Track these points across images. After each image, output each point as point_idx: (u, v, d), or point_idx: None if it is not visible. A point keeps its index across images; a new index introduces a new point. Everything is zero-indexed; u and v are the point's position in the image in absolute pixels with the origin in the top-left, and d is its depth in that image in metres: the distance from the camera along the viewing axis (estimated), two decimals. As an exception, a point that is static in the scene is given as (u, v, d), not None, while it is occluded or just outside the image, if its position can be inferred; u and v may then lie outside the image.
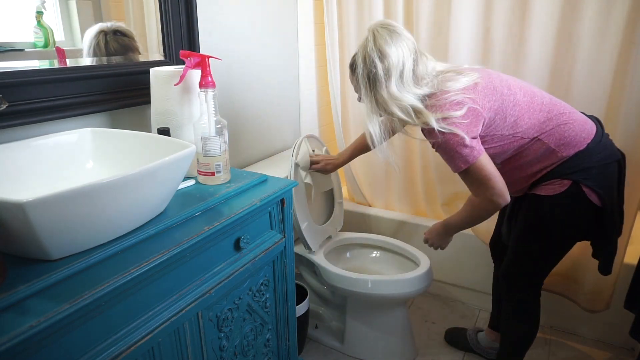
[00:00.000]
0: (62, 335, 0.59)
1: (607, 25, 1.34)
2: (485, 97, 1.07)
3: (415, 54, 1.07)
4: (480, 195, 1.11)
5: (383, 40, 1.04)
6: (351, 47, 1.83)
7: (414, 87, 1.07)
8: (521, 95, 1.10)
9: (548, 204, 1.12)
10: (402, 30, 1.07)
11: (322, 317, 1.67)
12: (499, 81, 1.11)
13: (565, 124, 1.09)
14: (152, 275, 0.72)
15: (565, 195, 1.09)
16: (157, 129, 1.00)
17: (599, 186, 1.07)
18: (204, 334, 0.86)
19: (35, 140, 0.89)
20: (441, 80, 1.08)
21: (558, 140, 1.09)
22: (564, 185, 1.09)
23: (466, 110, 1.04)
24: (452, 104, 1.05)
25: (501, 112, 1.08)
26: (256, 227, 0.98)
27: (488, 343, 1.54)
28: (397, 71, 1.04)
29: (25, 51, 0.94)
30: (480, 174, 1.06)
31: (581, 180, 1.07)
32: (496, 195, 1.07)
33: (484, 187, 1.08)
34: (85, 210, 0.65)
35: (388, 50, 1.03)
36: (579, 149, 1.08)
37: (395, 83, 1.05)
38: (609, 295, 1.51)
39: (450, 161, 1.09)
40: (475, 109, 1.05)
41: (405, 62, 1.05)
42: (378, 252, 1.68)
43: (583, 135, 1.09)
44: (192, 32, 1.23)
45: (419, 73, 1.08)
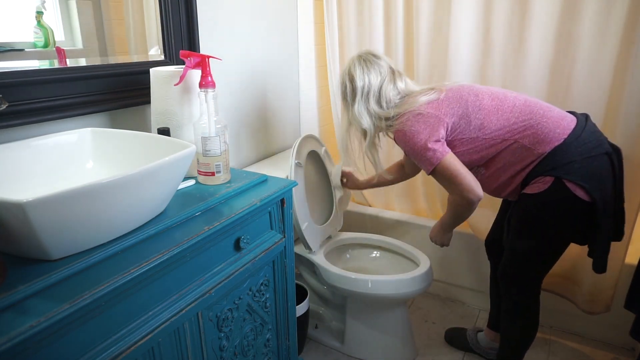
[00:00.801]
0: (62, 335, 0.59)
1: (607, 25, 1.34)
2: (447, 106, 1.17)
3: (384, 80, 1.23)
4: (453, 193, 1.21)
5: (354, 67, 1.24)
6: (351, 47, 1.83)
7: (375, 106, 1.23)
8: (489, 100, 1.17)
9: (534, 202, 1.14)
10: (376, 59, 1.24)
11: (322, 317, 1.67)
12: (468, 91, 1.20)
13: (538, 123, 1.12)
14: (152, 275, 0.72)
15: (550, 192, 1.10)
16: (157, 129, 1.00)
17: (584, 180, 1.07)
18: (204, 334, 0.86)
19: (35, 140, 0.89)
20: (406, 101, 1.23)
21: (532, 138, 1.12)
22: (546, 182, 1.11)
23: (423, 118, 1.16)
24: (412, 114, 1.18)
25: (465, 117, 1.16)
26: (256, 227, 0.98)
27: (488, 343, 1.54)
28: (362, 93, 1.23)
29: (25, 51, 0.94)
30: (446, 173, 1.16)
31: (563, 175, 1.08)
32: (465, 191, 1.16)
33: (453, 185, 1.17)
34: (85, 210, 0.65)
35: (355, 75, 1.23)
36: (555, 145, 1.10)
37: (359, 101, 1.24)
38: (609, 298, 1.51)
39: (421, 165, 1.20)
40: (434, 115, 1.16)
41: (371, 86, 1.22)
42: (378, 252, 1.68)
43: (557, 130, 1.10)
44: (192, 32, 1.23)
45: (386, 95, 1.23)
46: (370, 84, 1.22)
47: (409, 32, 1.70)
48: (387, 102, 1.24)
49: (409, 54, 1.74)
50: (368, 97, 1.23)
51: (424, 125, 1.16)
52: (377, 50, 1.27)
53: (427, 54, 1.67)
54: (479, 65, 1.59)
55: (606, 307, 1.52)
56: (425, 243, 1.78)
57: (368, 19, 1.75)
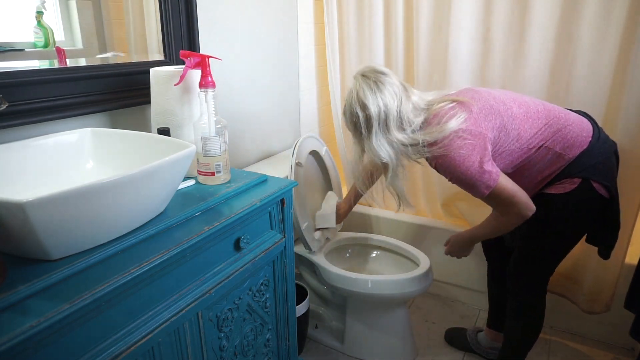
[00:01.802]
0: (62, 335, 0.59)
1: (607, 25, 1.34)
2: (485, 119, 1.08)
3: (400, 100, 1.08)
4: (507, 214, 1.12)
5: (362, 91, 1.07)
6: (351, 47, 1.83)
7: (398, 133, 1.08)
8: (517, 108, 1.12)
9: (559, 202, 1.14)
10: (385, 77, 1.08)
11: (322, 317, 1.67)
12: (493, 99, 1.12)
13: (564, 128, 1.11)
14: (152, 275, 0.72)
15: (576, 192, 1.11)
16: (157, 129, 1.00)
17: (607, 179, 1.11)
18: (204, 334, 0.86)
19: (35, 140, 0.89)
20: (433, 120, 1.09)
21: (562, 144, 1.11)
22: (574, 183, 1.11)
23: (470, 137, 1.05)
24: (453, 136, 1.06)
25: (504, 129, 1.10)
26: (256, 227, 0.98)
27: (488, 343, 1.54)
28: (378, 121, 1.07)
29: (25, 51, 0.94)
30: (503, 194, 1.08)
31: (590, 176, 1.10)
32: (523, 209, 1.10)
33: (510, 206, 1.10)
34: (85, 210, 0.65)
35: (366, 100, 1.06)
36: (583, 148, 1.11)
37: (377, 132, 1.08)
38: (609, 297, 1.51)
39: (472, 189, 1.10)
40: (477, 132, 1.06)
41: (389, 110, 1.06)
42: (378, 252, 1.68)
43: (584, 134, 1.12)
44: (192, 32, 1.23)
45: (407, 117, 1.09)
46: (387, 108, 1.06)
47: (409, 32, 1.70)
48: (409, 124, 1.09)
49: (409, 54, 1.74)
50: (387, 125, 1.07)
51: (472, 147, 1.05)
52: (380, 65, 1.13)
53: (427, 54, 1.67)
54: (479, 65, 1.59)
55: (606, 306, 1.52)
56: (425, 243, 1.79)
57: (368, 19, 1.75)
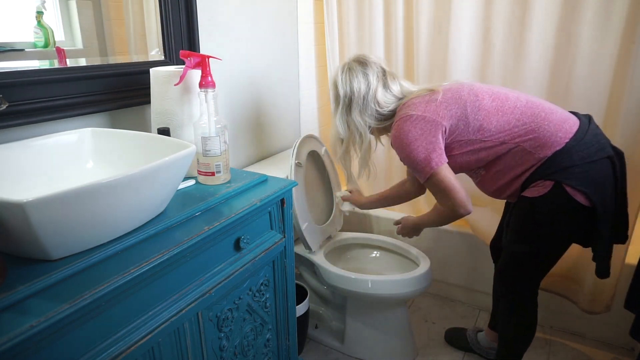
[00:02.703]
0: (62, 335, 0.59)
1: (607, 25, 1.34)
2: (445, 108, 1.13)
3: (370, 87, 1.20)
4: (443, 205, 1.19)
5: (337, 75, 1.24)
6: (351, 47, 1.83)
7: (359, 115, 1.22)
8: (489, 101, 1.14)
9: (532, 205, 1.12)
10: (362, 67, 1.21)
11: (322, 317, 1.67)
12: (468, 91, 1.16)
13: (539, 127, 1.10)
14: (152, 275, 0.72)
15: (548, 196, 1.09)
16: (157, 129, 1.00)
17: (585, 185, 1.06)
18: (204, 334, 0.86)
19: (35, 140, 0.89)
20: (404, 104, 1.20)
21: (533, 142, 1.10)
22: (546, 186, 1.09)
23: (420, 122, 1.13)
24: (408, 118, 1.15)
25: (463, 118, 1.13)
26: (256, 227, 0.98)
27: (488, 343, 1.54)
28: (343, 101, 1.23)
29: (25, 51, 0.94)
30: (441, 184, 1.15)
31: (563, 180, 1.07)
32: (457, 205, 1.15)
33: (445, 198, 1.16)
34: (85, 210, 0.65)
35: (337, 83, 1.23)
36: (556, 149, 1.08)
37: (340, 110, 1.24)
38: (609, 298, 1.51)
39: (416, 172, 1.18)
40: (432, 119, 1.12)
41: (354, 94, 1.21)
42: (378, 252, 1.68)
43: (559, 134, 1.08)
44: (192, 32, 1.23)
45: (378, 101, 1.21)
46: (353, 92, 1.21)
47: (409, 32, 1.70)
48: (380, 107, 1.22)
49: (409, 54, 1.74)
50: (350, 107, 1.22)
51: (421, 131, 1.12)
52: (367, 55, 1.25)
53: (427, 54, 1.67)
54: (479, 65, 1.59)
55: (606, 307, 1.52)
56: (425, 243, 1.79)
57: (368, 19, 1.75)
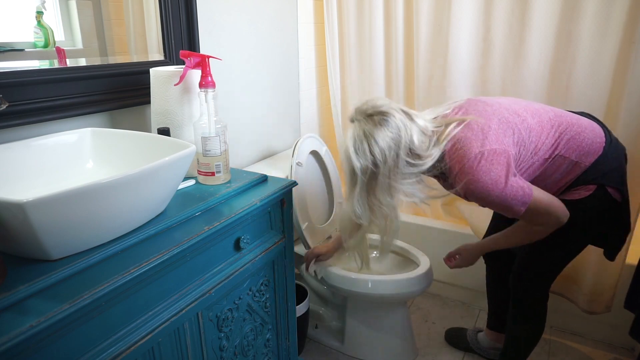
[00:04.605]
0: (62, 335, 0.59)
1: (607, 25, 1.34)
2: (504, 134, 1.03)
3: (406, 130, 1.00)
4: (544, 224, 1.08)
5: (369, 134, 1.00)
6: (351, 47, 1.83)
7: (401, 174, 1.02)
8: (531, 119, 1.07)
9: (574, 207, 1.09)
10: (388, 111, 1.00)
11: (322, 317, 1.67)
12: (506, 110, 1.06)
13: (578, 135, 1.08)
14: (152, 275, 0.72)
15: (590, 199, 1.10)
16: (157, 129, 1.00)
17: (621, 184, 1.10)
18: (204, 334, 0.86)
19: (35, 140, 0.89)
20: (454, 146, 1.02)
21: (578, 151, 1.08)
22: (589, 189, 1.10)
23: (494, 156, 0.99)
24: (475, 158, 0.99)
25: (523, 144, 1.05)
26: (256, 227, 0.98)
27: (489, 343, 1.54)
28: (370, 171, 1.00)
29: (25, 51, 0.94)
30: (539, 207, 1.04)
31: (605, 182, 1.09)
32: (561, 216, 1.06)
33: (547, 216, 1.06)
34: (85, 210, 0.65)
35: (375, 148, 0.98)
36: (598, 155, 1.08)
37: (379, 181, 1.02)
38: (609, 298, 1.51)
39: (508, 210, 1.04)
40: (501, 150, 1.00)
41: (399, 149, 0.99)
42: (378, 252, 1.68)
43: (597, 140, 1.09)
44: (192, 32, 1.23)
45: (416, 148, 1.01)
46: (377, 159, 0.99)
47: (409, 32, 1.70)
48: (423, 153, 1.02)
49: (409, 54, 1.74)
50: (376, 179, 1.01)
51: (500, 166, 0.99)
52: (376, 100, 1.06)
53: (427, 54, 1.67)
54: (479, 65, 1.59)
55: (607, 307, 1.52)
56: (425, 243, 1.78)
57: (368, 19, 1.75)
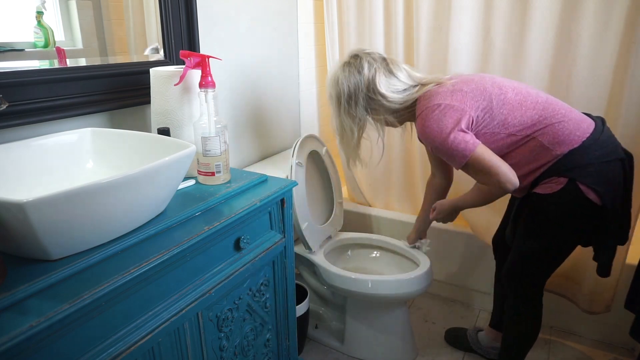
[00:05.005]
0: (62, 335, 0.59)
1: (607, 25, 1.34)
2: (472, 99, 1.12)
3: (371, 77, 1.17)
4: (488, 184, 1.15)
5: (341, 71, 1.21)
6: (351, 47, 1.82)
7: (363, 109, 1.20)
8: (513, 95, 1.13)
9: (545, 202, 1.13)
10: (356, 61, 1.19)
11: (322, 317, 1.67)
12: (492, 83, 1.15)
13: (559, 123, 1.10)
14: (152, 275, 0.72)
15: (562, 193, 1.10)
16: (157, 129, 1.00)
17: (598, 184, 1.08)
18: (204, 334, 0.86)
19: (35, 140, 0.89)
20: (423, 95, 1.18)
21: (552, 138, 1.10)
22: (560, 183, 1.10)
23: (449, 110, 1.11)
24: (436, 107, 1.13)
25: (489, 111, 1.13)
26: (256, 227, 0.98)
27: (489, 342, 1.54)
28: (346, 98, 1.19)
29: (25, 51, 0.94)
30: (480, 164, 1.11)
31: (577, 177, 1.08)
32: (503, 182, 1.11)
33: (488, 176, 1.12)
34: (85, 210, 0.65)
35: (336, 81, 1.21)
36: (572, 147, 1.09)
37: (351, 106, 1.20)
38: (610, 298, 1.51)
39: (451, 160, 1.15)
40: (460, 108, 1.11)
41: (361, 84, 1.17)
42: (378, 252, 1.68)
43: (577, 133, 1.09)
44: (192, 32, 1.23)
45: (383, 90, 1.18)
46: (350, 89, 1.18)
47: (409, 32, 1.70)
48: (387, 98, 1.19)
49: (409, 54, 1.73)
50: (349, 104, 1.20)
51: (450, 119, 1.10)
52: (363, 48, 1.23)
53: (427, 54, 1.67)
54: (479, 65, 1.59)
55: (607, 307, 1.52)
56: (425, 243, 1.78)
57: (368, 19, 1.75)
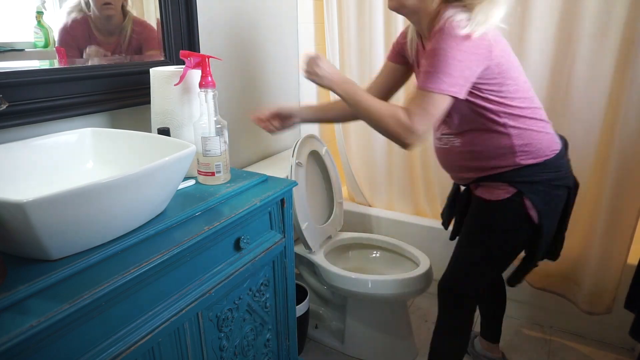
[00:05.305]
0: (62, 335, 0.59)
1: (607, 25, 1.34)
2: (502, 50, 0.98)
3: None
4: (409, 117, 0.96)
5: None
6: (351, 47, 1.83)
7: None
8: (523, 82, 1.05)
9: (490, 208, 1.10)
10: None
11: (322, 317, 1.67)
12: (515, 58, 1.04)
13: (539, 132, 1.05)
14: (152, 275, 0.72)
15: (506, 202, 1.07)
16: (157, 129, 1.00)
17: (541, 203, 1.05)
18: (204, 334, 0.86)
19: (35, 140, 0.89)
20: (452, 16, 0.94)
21: (524, 144, 1.04)
22: (508, 192, 1.06)
23: (477, 41, 0.92)
24: (459, 25, 0.91)
25: (501, 75, 0.99)
26: (256, 227, 0.98)
27: (481, 350, 1.52)
28: None
29: (25, 51, 0.94)
30: (427, 103, 0.94)
31: (525, 192, 1.05)
32: (415, 133, 0.95)
33: (418, 117, 0.95)
34: (85, 210, 0.65)
35: None
36: (535, 161, 1.05)
37: None
38: (610, 299, 1.51)
39: (425, 74, 0.95)
40: (486, 47, 0.94)
41: None
42: (378, 252, 1.68)
43: (546, 151, 1.06)
44: (192, 32, 1.23)
45: None
46: None
47: (409, 32, 1.70)
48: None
49: (409, 54, 1.74)
50: None
51: (471, 50, 0.92)
52: None
53: (427, 54, 1.66)
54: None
55: (607, 308, 1.52)
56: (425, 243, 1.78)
57: (368, 19, 1.75)
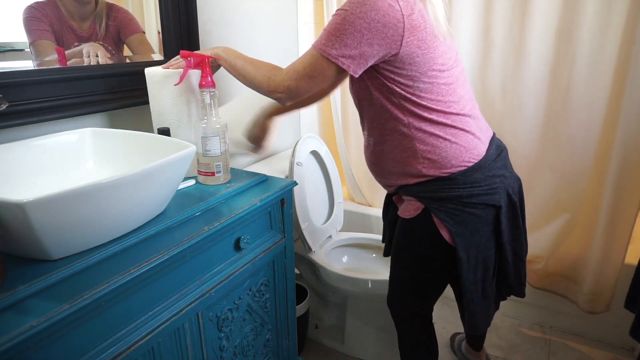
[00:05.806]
0: (62, 335, 0.59)
1: (608, 24, 1.34)
2: (418, 33, 0.87)
3: None
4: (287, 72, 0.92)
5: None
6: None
7: None
8: (459, 73, 0.95)
9: (404, 226, 1.06)
10: None
11: (322, 317, 1.67)
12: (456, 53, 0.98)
13: (446, 140, 0.94)
14: (152, 275, 0.72)
15: (418, 220, 1.01)
16: (157, 129, 1.00)
17: (451, 222, 0.96)
18: (204, 334, 0.86)
19: (35, 140, 0.89)
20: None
21: (427, 150, 0.95)
22: (417, 208, 1.00)
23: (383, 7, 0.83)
24: None
25: (417, 68, 0.89)
26: (256, 227, 0.98)
27: (466, 353, 1.52)
28: None
29: (25, 51, 0.94)
30: (306, 64, 0.90)
31: (433, 208, 0.97)
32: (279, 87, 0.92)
33: (288, 72, 0.92)
34: (85, 210, 0.65)
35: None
36: (439, 175, 0.95)
37: None
38: (609, 297, 1.51)
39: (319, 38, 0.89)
40: (397, 18, 0.84)
41: None
42: (378, 252, 1.68)
43: (453, 162, 0.95)
44: (192, 32, 1.23)
45: None
46: None
47: (409, 32, 1.70)
48: None
49: (409, 54, 1.73)
50: None
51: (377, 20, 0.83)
52: None
53: (427, 54, 1.66)
54: (478, 65, 1.59)
55: (606, 306, 1.52)
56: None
57: (368, 19, 1.75)
